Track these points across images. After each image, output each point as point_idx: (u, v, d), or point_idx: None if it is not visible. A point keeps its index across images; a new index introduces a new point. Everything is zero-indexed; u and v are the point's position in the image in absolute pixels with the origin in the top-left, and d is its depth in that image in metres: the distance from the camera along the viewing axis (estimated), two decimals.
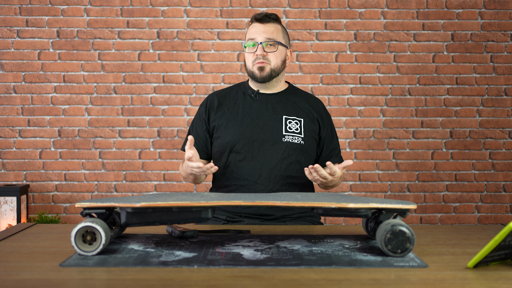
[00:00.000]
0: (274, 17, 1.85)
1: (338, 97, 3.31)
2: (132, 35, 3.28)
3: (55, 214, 3.25)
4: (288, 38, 1.90)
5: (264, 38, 1.81)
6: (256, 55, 1.81)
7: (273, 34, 1.82)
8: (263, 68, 1.82)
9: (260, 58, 1.81)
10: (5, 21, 3.26)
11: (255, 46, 1.82)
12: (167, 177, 3.29)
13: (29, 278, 1.01)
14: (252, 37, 1.82)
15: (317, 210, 1.24)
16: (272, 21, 1.85)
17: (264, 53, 1.81)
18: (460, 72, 3.31)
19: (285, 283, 0.98)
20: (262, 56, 1.81)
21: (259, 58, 1.81)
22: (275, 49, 1.82)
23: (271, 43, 1.82)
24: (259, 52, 1.81)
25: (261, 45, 1.80)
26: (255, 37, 1.82)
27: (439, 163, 3.31)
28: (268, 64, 1.82)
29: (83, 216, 1.23)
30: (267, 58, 1.81)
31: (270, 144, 1.79)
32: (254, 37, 1.82)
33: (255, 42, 1.82)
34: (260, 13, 1.85)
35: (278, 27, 1.86)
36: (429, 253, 1.21)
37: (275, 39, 1.82)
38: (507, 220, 3.29)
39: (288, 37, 1.91)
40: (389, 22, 3.31)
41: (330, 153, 1.91)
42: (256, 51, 1.81)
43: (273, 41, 1.82)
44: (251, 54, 1.83)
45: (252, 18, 1.86)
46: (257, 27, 1.83)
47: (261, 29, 1.82)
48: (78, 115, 3.28)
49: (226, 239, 1.34)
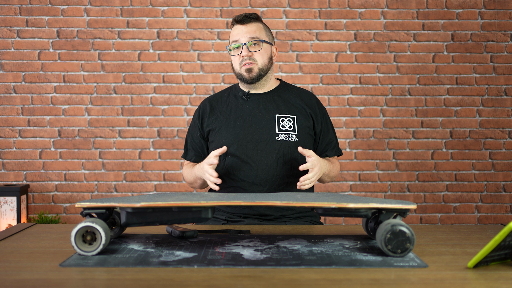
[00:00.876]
0: (254, 16, 1.86)
1: (338, 97, 3.31)
2: (132, 35, 3.28)
3: (55, 214, 3.26)
4: (271, 34, 1.91)
5: (247, 38, 1.81)
6: (242, 57, 1.82)
7: (255, 33, 1.82)
8: (251, 70, 1.82)
9: (246, 59, 1.81)
10: (5, 21, 3.26)
11: (240, 47, 1.82)
12: (167, 177, 3.30)
13: (29, 278, 1.01)
14: (235, 39, 1.83)
15: (317, 210, 1.24)
16: (253, 20, 1.85)
17: (249, 53, 1.81)
18: (460, 72, 3.31)
19: (285, 283, 0.98)
20: (248, 57, 1.81)
21: (245, 59, 1.81)
22: (260, 48, 1.83)
23: (255, 42, 1.82)
24: (245, 53, 1.81)
25: (245, 46, 1.81)
26: (238, 39, 1.82)
27: (439, 163, 3.31)
28: (255, 64, 1.82)
29: (83, 216, 1.23)
30: (253, 58, 1.82)
31: (264, 144, 1.79)
32: (237, 38, 1.82)
33: (239, 44, 1.82)
34: (240, 15, 1.85)
35: (260, 25, 1.86)
36: (429, 253, 1.21)
37: (258, 38, 1.82)
38: (507, 220, 3.29)
39: (271, 34, 1.92)
40: (389, 22, 3.31)
41: (326, 147, 1.90)
42: (241, 52, 1.82)
43: (256, 40, 1.82)
44: (237, 57, 1.84)
45: (233, 20, 1.86)
46: (239, 29, 1.84)
47: (243, 30, 1.83)
48: (78, 115, 3.28)
49: (226, 239, 1.34)
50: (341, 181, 3.31)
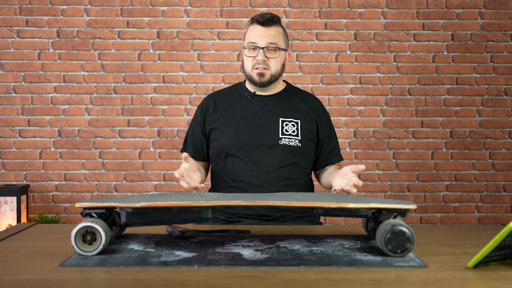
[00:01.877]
0: (276, 20, 1.81)
1: (338, 97, 3.31)
2: (132, 35, 3.28)
3: (55, 214, 3.25)
4: (287, 39, 1.87)
5: (266, 43, 1.77)
6: (257, 60, 1.78)
7: (275, 38, 1.78)
8: (263, 75, 1.79)
9: (260, 64, 1.78)
10: (5, 21, 3.26)
11: (256, 50, 1.79)
12: (167, 177, 3.29)
13: (29, 278, 1.01)
14: (253, 41, 1.78)
15: (317, 210, 1.24)
16: (274, 24, 1.80)
17: (265, 59, 1.78)
18: (460, 72, 3.31)
19: (285, 283, 0.98)
20: (263, 62, 1.78)
21: (259, 64, 1.78)
22: (277, 55, 1.79)
23: (272, 48, 1.78)
24: (260, 58, 1.78)
25: (262, 51, 1.77)
26: (256, 41, 1.78)
27: (439, 163, 3.31)
28: (269, 70, 1.79)
29: (83, 216, 1.23)
30: (268, 64, 1.78)
31: (267, 147, 1.78)
32: (255, 41, 1.78)
33: (256, 46, 1.78)
34: (263, 15, 1.79)
35: (280, 30, 1.82)
36: (429, 253, 1.21)
37: (277, 45, 1.79)
38: (507, 220, 3.29)
39: (288, 38, 1.88)
40: (389, 22, 3.31)
41: (330, 153, 1.90)
42: (257, 56, 1.78)
43: (274, 47, 1.78)
44: (251, 58, 1.80)
45: (254, 19, 1.81)
46: (259, 30, 1.79)
47: (263, 33, 1.78)
48: (78, 115, 3.28)
49: (226, 239, 1.34)
50: None
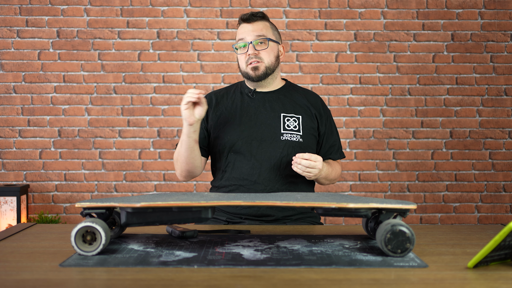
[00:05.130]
0: (260, 15, 1.85)
1: (338, 97, 3.31)
2: (132, 35, 3.28)
3: (55, 214, 3.25)
4: (278, 33, 1.90)
5: (254, 37, 1.80)
6: (248, 55, 1.80)
7: (262, 31, 1.82)
8: (257, 68, 1.81)
9: (252, 58, 1.80)
10: (5, 21, 3.26)
11: (246, 46, 1.81)
12: (167, 177, 3.29)
13: (29, 278, 1.01)
14: (241, 37, 1.82)
15: (317, 210, 1.24)
16: (259, 19, 1.84)
17: (255, 52, 1.80)
18: (460, 72, 3.31)
19: (285, 283, 0.98)
20: (254, 55, 1.80)
21: (251, 58, 1.80)
22: (266, 46, 1.81)
23: (261, 41, 1.81)
24: (251, 52, 1.80)
25: (252, 44, 1.80)
26: (244, 37, 1.81)
27: (439, 163, 3.31)
28: (262, 62, 1.81)
29: (83, 216, 1.23)
30: (260, 57, 1.81)
31: (269, 143, 1.79)
32: (243, 37, 1.81)
33: (245, 42, 1.81)
34: (246, 13, 1.84)
35: (266, 24, 1.85)
36: (429, 253, 1.21)
37: (264, 36, 1.81)
38: (507, 220, 3.29)
39: (278, 32, 1.91)
40: (389, 22, 3.31)
41: (330, 149, 1.90)
42: (248, 50, 1.80)
43: (263, 38, 1.81)
44: (243, 55, 1.82)
45: (239, 19, 1.85)
46: (245, 27, 1.83)
47: (249, 28, 1.82)
48: (78, 115, 3.28)
49: (226, 239, 1.34)
50: (341, 181, 3.31)
